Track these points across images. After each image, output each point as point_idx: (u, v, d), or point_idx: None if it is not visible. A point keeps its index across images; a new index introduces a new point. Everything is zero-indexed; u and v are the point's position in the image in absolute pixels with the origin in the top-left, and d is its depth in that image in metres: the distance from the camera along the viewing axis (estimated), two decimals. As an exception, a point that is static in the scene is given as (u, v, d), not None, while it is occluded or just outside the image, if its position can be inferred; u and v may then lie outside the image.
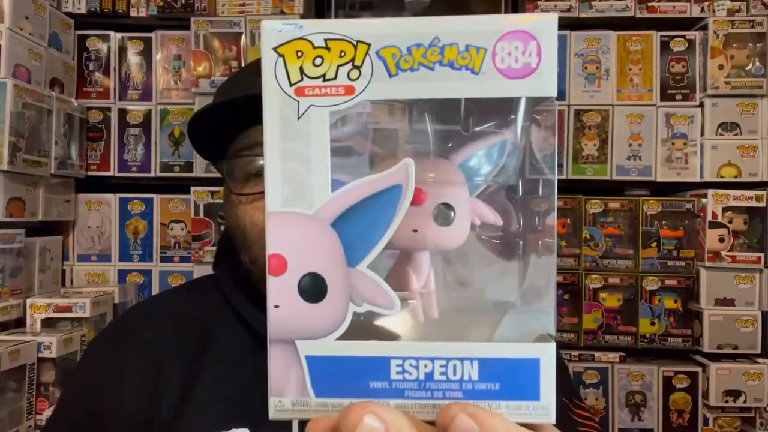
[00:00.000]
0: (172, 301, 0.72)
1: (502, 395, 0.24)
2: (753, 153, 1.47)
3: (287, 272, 0.24)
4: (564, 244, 1.49)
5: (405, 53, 0.24)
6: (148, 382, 0.61)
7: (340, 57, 0.24)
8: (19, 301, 1.30)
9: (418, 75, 0.24)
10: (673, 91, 1.51)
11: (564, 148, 1.51)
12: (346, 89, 0.24)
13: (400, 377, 0.24)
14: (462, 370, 0.24)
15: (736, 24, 1.47)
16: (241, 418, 0.58)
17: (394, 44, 0.24)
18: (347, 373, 0.24)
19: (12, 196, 1.26)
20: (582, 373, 1.46)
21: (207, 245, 1.47)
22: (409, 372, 0.24)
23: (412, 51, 0.24)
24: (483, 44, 0.23)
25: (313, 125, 0.24)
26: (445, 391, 0.24)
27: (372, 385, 0.24)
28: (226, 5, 1.53)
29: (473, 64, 0.24)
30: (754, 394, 1.41)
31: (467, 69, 0.24)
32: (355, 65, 0.24)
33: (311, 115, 0.24)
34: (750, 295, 1.44)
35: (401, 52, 0.24)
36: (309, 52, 0.24)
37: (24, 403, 1.21)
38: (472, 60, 0.23)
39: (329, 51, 0.24)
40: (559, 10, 1.52)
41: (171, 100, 1.56)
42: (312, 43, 0.24)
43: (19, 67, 1.30)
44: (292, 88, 0.24)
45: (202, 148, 0.68)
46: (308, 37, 0.24)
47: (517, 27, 0.23)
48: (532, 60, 0.23)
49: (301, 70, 0.24)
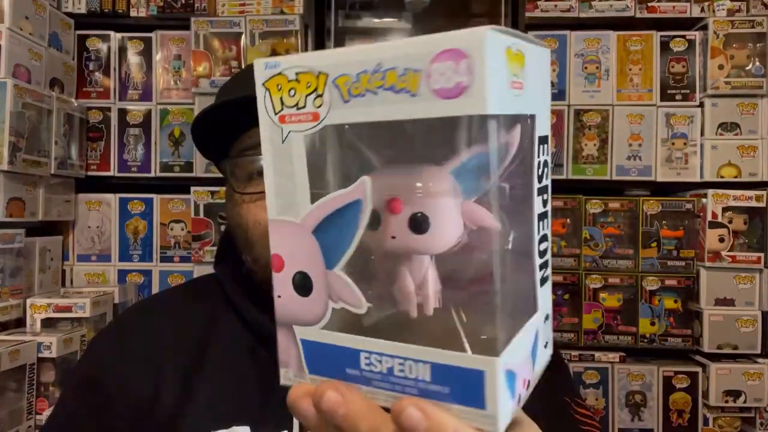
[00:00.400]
0: (172, 300, 0.72)
1: (452, 399, 0.25)
2: (753, 153, 1.47)
3: (284, 269, 0.29)
4: (564, 244, 1.49)
5: (354, 80, 0.26)
6: (148, 381, 0.61)
7: (307, 87, 0.27)
8: (19, 301, 1.30)
9: (365, 100, 0.25)
10: (673, 91, 1.51)
11: (564, 148, 1.51)
12: (313, 116, 0.27)
13: (368, 368, 0.27)
14: (417, 371, 0.26)
15: (736, 24, 1.47)
16: (241, 416, 0.58)
17: (346, 72, 0.26)
18: (330, 358, 0.28)
19: (12, 196, 1.26)
20: (582, 373, 1.46)
21: (207, 245, 1.48)
22: (375, 365, 0.27)
23: (360, 78, 0.25)
24: (419, 66, 0.24)
25: (294, 147, 0.28)
26: (404, 386, 0.27)
27: (348, 371, 0.28)
28: (226, 5, 1.53)
29: (411, 86, 0.24)
30: (754, 394, 1.41)
31: (406, 92, 0.24)
32: (318, 94, 0.27)
33: (291, 139, 0.28)
34: (750, 295, 1.44)
35: (352, 79, 0.26)
36: (285, 85, 0.28)
37: (24, 403, 1.21)
38: (409, 83, 0.24)
39: (299, 83, 0.27)
40: (559, 10, 1.52)
41: (171, 100, 1.56)
42: (287, 77, 0.28)
43: (19, 67, 1.30)
44: (276, 116, 0.28)
45: (206, 148, 0.68)
46: (284, 72, 0.28)
47: (448, 46, 0.23)
48: (464, 78, 0.23)
49: (282, 100, 0.28)
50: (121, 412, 0.60)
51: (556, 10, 1.52)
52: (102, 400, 0.61)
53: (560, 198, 1.49)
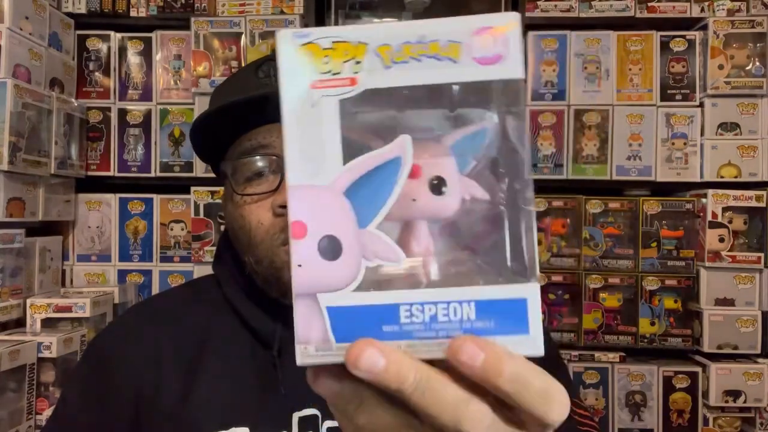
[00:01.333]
0: (172, 301, 0.72)
1: (497, 331, 0.28)
2: (753, 153, 1.47)
3: (307, 236, 0.28)
4: (564, 244, 1.49)
5: (397, 49, 0.29)
6: (148, 382, 0.61)
7: (345, 55, 0.29)
8: (19, 301, 1.30)
9: (409, 66, 0.28)
10: (673, 91, 1.51)
11: (564, 148, 1.51)
12: (351, 81, 0.28)
13: (408, 321, 0.28)
14: (461, 311, 0.28)
15: (736, 24, 1.47)
16: (240, 417, 0.58)
17: (388, 42, 0.29)
18: (363, 320, 0.28)
19: (12, 196, 1.26)
20: (582, 373, 1.46)
21: (207, 245, 1.48)
22: (416, 316, 0.28)
23: (403, 47, 0.29)
24: (461, 39, 0.29)
25: (325, 111, 0.28)
26: (448, 330, 0.28)
27: (385, 329, 0.28)
28: (226, 5, 1.53)
29: (453, 54, 0.28)
30: (754, 394, 1.41)
31: (449, 59, 0.28)
32: (357, 61, 0.28)
33: (322, 103, 0.28)
34: (750, 295, 1.44)
35: (394, 48, 0.28)
36: (318, 53, 0.29)
37: (24, 403, 1.21)
38: (452, 52, 0.28)
39: (335, 50, 0.29)
40: (559, 10, 1.52)
41: (171, 100, 1.56)
42: (320, 45, 0.29)
43: (19, 67, 1.30)
44: (307, 81, 0.29)
45: (203, 152, 0.68)
46: (317, 41, 0.29)
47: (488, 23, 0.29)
48: (502, 49, 0.28)
49: (314, 67, 0.29)
50: (121, 412, 0.60)
51: (556, 10, 1.52)
52: (102, 399, 0.61)
53: (560, 198, 1.49)
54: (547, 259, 1.49)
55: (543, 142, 1.51)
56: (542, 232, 1.49)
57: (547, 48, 1.53)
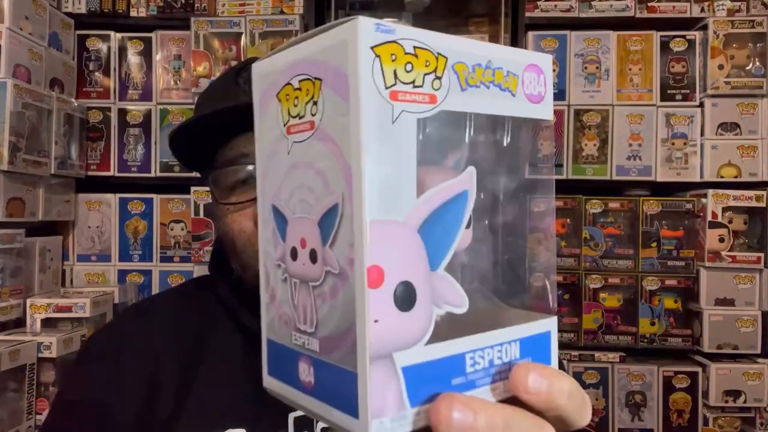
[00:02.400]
0: (168, 303, 0.72)
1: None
2: (753, 153, 1.47)
3: (384, 283, 0.23)
4: (564, 244, 1.49)
5: (470, 71, 0.26)
6: (144, 385, 0.61)
7: (426, 66, 0.24)
8: (19, 301, 1.30)
9: (479, 91, 0.26)
10: (673, 91, 1.51)
11: (564, 148, 1.51)
12: (430, 98, 0.24)
13: (473, 369, 0.26)
14: (510, 352, 0.27)
15: (736, 24, 1.47)
16: (237, 418, 0.58)
17: (464, 61, 0.26)
18: (435, 376, 0.25)
19: (12, 196, 1.26)
20: (582, 373, 1.46)
21: (207, 245, 1.47)
22: (479, 362, 0.26)
23: (475, 69, 0.26)
24: (517, 72, 0.27)
25: (404, 131, 0.24)
26: (501, 372, 0.27)
27: (453, 382, 0.25)
28: (226, 5, 1.53)
29: (512, 87, 0.27)
30: (754, 394, 1.41)
31: (508, 91, 0.27)
32: (437, 76, 0.25)
33: (402, 121, 0.24)
34: (750, 295, 1.44)
35: (468, 69, 0.26)
36: (401, 57, 0.24)
37: (24, 403, 1.21)
38: (511, 84, 0.27)
39: (417, 58, 0.24)
40: (559, 10, 1.52)
41: (171, 100, 1.56)
42: (403, 48, 0.24)
43: (19, 67, 1.30)
44: (387, 91, 0.23)
45: (186, 160, 0.68)
46: (400, 42, 0.24)
47: (533, 60, 0.28)
48: (542, 89, 0.28)
49: (395, 74, 0.24)
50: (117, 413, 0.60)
51: (556, 10, 1.52)
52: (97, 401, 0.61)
53: (560, 198, 1.49)
54: (547, 259, 1.48)
55: (543, 142, 1.51)
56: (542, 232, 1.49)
57: (547, 48, 1.53)
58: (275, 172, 0.27)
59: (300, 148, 0.26)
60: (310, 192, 0.25)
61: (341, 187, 0.23)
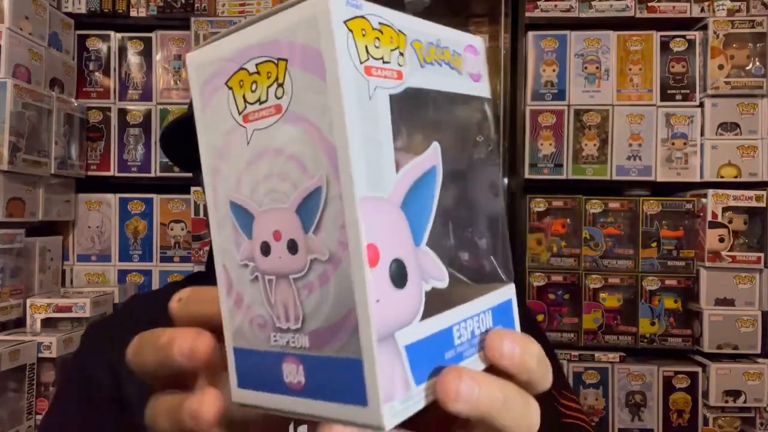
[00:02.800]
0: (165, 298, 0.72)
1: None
2: (753, 153, 1.47)
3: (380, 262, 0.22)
4: (564, 244, 1.49)
5: (425, 48, 0.26)
6: None
7: (390, 42, 0.24)
8: (19, 301, 1.30)
9: (435, 69, 0.26)
10: (673, 91, 1.51)
11: (564, 148, 1.51)
12: (398, 74, 0.24)
13: (459, 341, 0.26)
14: (486, 321, 0.27)
15: (736, 24, 1.47)
16: None
17: (419, 39, 0.25)
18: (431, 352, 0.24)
19: (12, 196, 1.26)
20: (582, 373, 1.46)
21: (207, 245, 1.47)
22: (463, 334, 0.26)
23: (429, 48, 0.26)
24: (460, 51, 0.28)
25: (380, 107, 0.23)
26: (480, 342, 0.27)
27: (446, 356, 0.25)
28: (226, 5, 1.53)
29: (458, 66, 0.28)
30: (754, 394, 1.41)
31: (455, 70, 0.27)
32: (401, 52, 0.24)
33: (377, 96, 0.23)
34: (750, 295, 1.44)
35: (423, 47, 0.26)
36: (370, 32, 0.23)
37: (24, 403, 1.21)
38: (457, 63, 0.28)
39: (383, 34, 0.24)
40: (559, 10, 1.52)
41: (171, 100, 1.56)
42: (370, 23, 0.23)
43: (19, 67, 1.30)
44: (362, 66, 0.22)
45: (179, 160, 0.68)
46: (367, 17, 0.23)
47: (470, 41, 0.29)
48: (480, 68, 0.29)
49: (367, 49, 0.23)
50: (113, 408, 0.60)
51: (556, 10, 1.52)
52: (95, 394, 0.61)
53: (560, 198, 1.49)
54: (546, 259, 1.49)
55: (543, 142, 1.51)
56: (542, 232, 1.49)
57: (547, 48, 1.53)
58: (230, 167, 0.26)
59: (263, 135, 0.24)
60: (281, 180, 0.24)
61: (323, 169, 0.22)
